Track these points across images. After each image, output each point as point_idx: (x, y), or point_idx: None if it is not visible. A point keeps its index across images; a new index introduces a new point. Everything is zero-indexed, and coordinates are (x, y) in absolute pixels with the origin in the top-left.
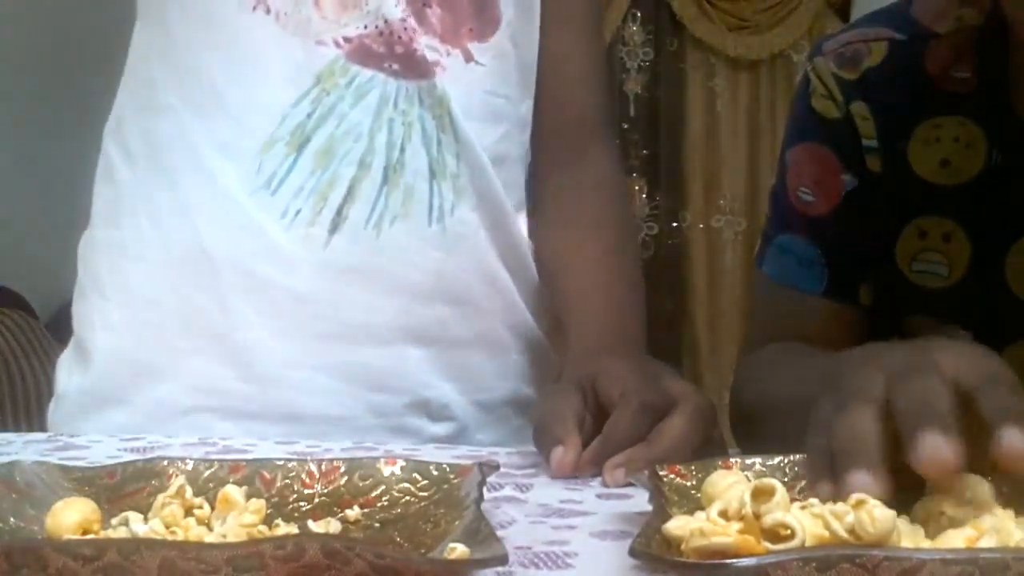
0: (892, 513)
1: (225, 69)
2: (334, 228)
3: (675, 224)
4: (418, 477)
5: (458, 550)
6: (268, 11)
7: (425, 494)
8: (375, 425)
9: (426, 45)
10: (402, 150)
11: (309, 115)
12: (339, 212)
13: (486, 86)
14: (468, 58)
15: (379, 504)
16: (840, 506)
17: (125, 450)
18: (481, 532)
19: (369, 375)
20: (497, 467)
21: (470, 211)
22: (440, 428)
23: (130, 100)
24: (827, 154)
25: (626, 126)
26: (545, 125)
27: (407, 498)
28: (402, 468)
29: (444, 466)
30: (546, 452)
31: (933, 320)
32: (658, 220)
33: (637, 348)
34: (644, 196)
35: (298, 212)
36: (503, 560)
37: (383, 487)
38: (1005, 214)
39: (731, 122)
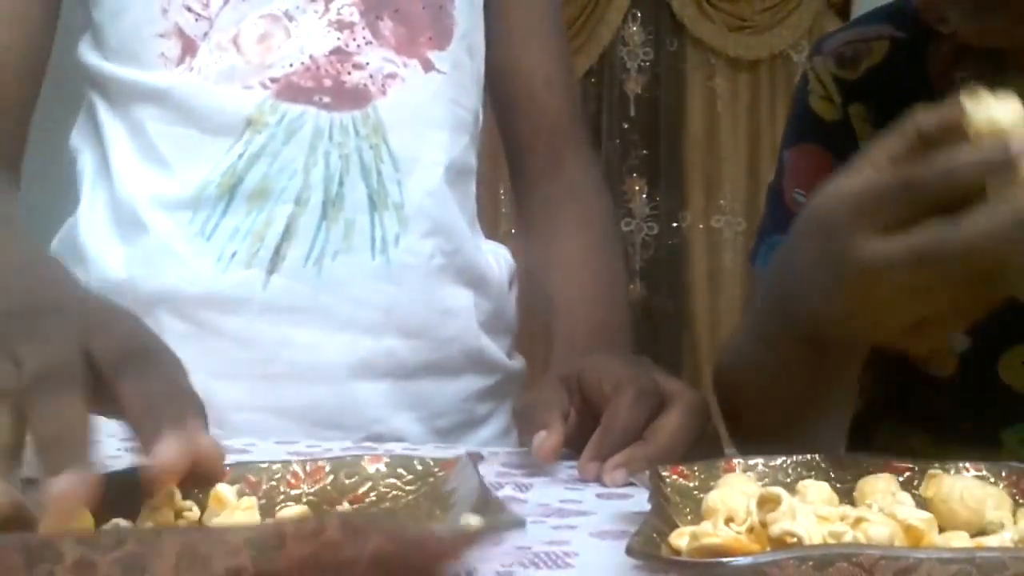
0: (889, 531)
1: (158, 125)
2: (272, 268)
3: (675, 224)
4: (403, 472)
5: (472, 522)
6: (191, 69)
7: (412, 488)
8: None
9: (382, 58)
10: (341, 183)
11: (240, 156)
12: (277, 251)
13: (449, 94)
14: (428, 67)
15: (367, 500)
16: (839, 525)
17: (125, 450)
18: (491, 505)
19: (320, 414)
20: (481, 458)
21: (421, 239)
22: None
23: (90, 153)
24: (823, 156)
25: (626, 126)
26: (519, 135)
27: (394, 493)
28: (387, 464)
29: (428, 460)
30: (528, 438)
31: None
32: (658, 220)
33: (622, 345)
34: (644, 196)
35: (233, 255)
36: (520, 524)
37: (370, 483)
38: None
39: (731, 122)
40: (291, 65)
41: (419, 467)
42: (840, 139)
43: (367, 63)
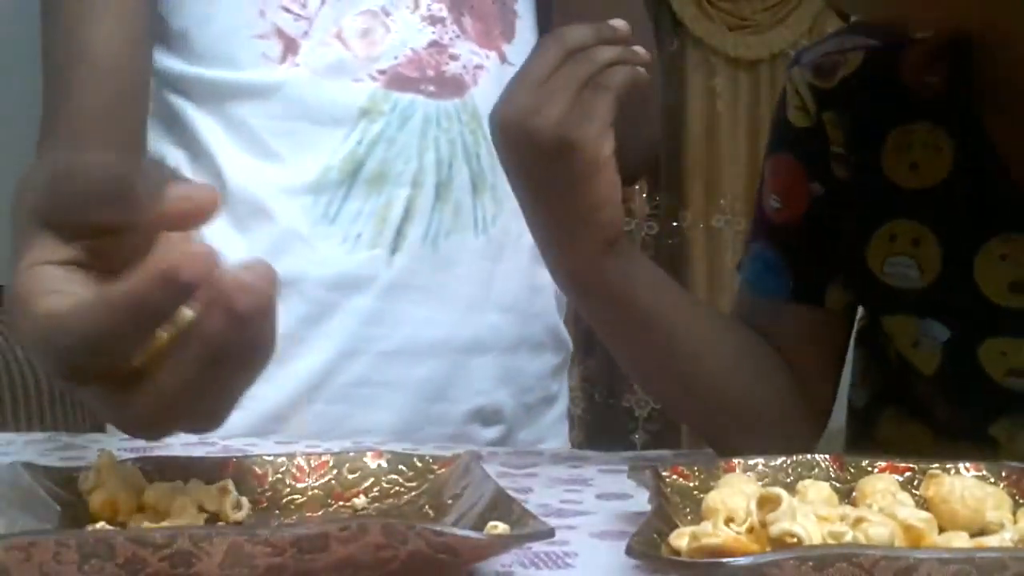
0: (889, 531)
1: (262, 120)
2: (395, 248)
3: (675, 224)
4: (404, 469)
5: (500, 527)
6: (297, 64)
7: (413, 484)
8: (434, 435)
9: (469, 51)
10: (449, 166)
11: (359, 143)
12: (399, 232)
13: None
14: (503, 59)
15: (371, 495)
16: (839, 525)
17: (125, 449)
18: (515, 511)
19: (431, 387)
20: (480, 456)
21: (511, 218)
22: (491, 432)
23: (182, 152)
24: (796, 164)
25: None
26: None
27: (397, 488)
28: (388, 461)
29: (427, 457)
30: None
31: (911, 318)
32: (658, 220)
33: None
34: (644, 196)
35: (359, 236)
36: (550, 534)
37: (372, 479)
38: (971, 217)
39: (731, 122)
40: (396, 57)
41: (419, 464)
42: (812, 146)
43: (459, 55)
